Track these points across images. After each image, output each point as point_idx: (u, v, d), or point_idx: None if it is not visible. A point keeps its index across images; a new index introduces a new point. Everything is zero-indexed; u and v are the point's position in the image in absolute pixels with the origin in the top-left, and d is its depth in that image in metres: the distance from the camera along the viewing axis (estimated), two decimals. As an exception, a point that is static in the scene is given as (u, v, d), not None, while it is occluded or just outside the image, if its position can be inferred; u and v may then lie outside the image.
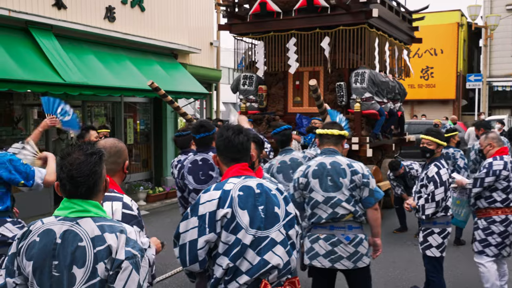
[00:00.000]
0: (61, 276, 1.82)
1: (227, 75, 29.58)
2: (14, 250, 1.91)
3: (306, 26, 8.64)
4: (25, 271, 1.87)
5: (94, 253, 1.81)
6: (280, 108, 9.39)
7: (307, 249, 3.64)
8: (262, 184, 2.48)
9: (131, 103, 11.96)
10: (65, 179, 1.89)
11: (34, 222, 1.94)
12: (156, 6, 11.42)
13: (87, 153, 1.91)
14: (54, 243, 1.84)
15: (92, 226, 1.86)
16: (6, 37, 8.09)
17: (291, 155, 4.94)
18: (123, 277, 1.80)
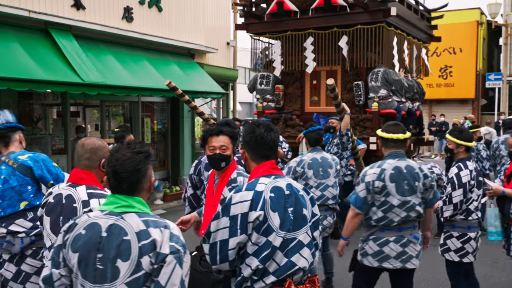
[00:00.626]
0: (105, 269, 1.87)
1: (244, 75, 29.61)
2: (60, 242, 1.97)
3: (324, 25, 8.60)
4: (70, 262, 1.93)
5: (139, 247, 1.86)
6: (297, 107, 9.36)
7: (374, 252, 3.69)
8: (291, 185, 2.47)
9: (148, 102, 12.03)
10: (110, 173, 1.98)
11: (80, 216, 2.01)
12: (174, 6, 11.47)
13: (134, 151, 1.99)
14: (99, 236, 1.90)
15: (137, 221, 1.92)
16: (26, 38, 8.19)
17: (322, 153, 5.16)
18: (167, 271, 1.85)
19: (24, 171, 3.44)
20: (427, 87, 18.57)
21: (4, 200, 3.42)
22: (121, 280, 1.85)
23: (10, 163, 3.46)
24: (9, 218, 3.43)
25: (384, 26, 8.24)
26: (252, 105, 33.14)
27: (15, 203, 3.43)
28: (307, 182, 5.04)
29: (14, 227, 3.41)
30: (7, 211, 3.43)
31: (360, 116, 8.60)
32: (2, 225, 3.41)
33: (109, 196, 2.01)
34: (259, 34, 9.60)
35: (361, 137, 8.16)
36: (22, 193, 3.45)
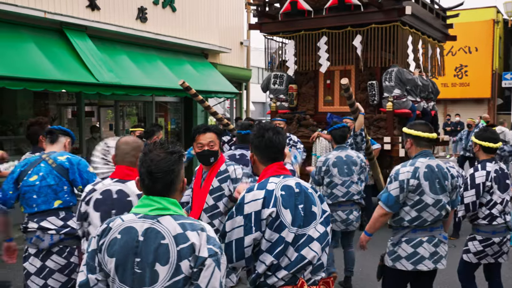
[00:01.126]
0: (143, 273, 1.86)
1: (257, 75, 29.61)
2: (95, 247, 1.94)
3: (338, 25, 8.55)
4: (106, 267, 1.91)
5: (177, 251, 1.85)
6: (310, 107, 9.32)
7: (409, 254, 3.61)
8: (300, 184, 2.56)
9: (162, 102, 12.09)
10: (144, 174, 1.94)
11: (113, 220, 1.97)
12: (187, 6, 11.51)
13: (167, 151, 1.96)
14: (136, 241, 1.88)
15: (173, 224, 1.90)
16: (41, 38, 8.28)
17: (347, 152, 5.22)
18: (207, 274, 1.84)
19: (62, 172, 3.55)
20: (442, 86, 18.40)
21: (40, 196, 3.51)
22: (161, 284, 1.84)
23: (49, 162, 3.57)
24: (42, 214, 3.52)
25: (398, 25, 8.17)
26: (265, 104, 33.13)
27: (50, 201, 3.53)
28: (331, 179, 5.11)
29: (46, 223, 3.50)
30: (41, 207, 3.52)
31: (374, 116, 8.55)
32: (34, 220, 3.51)
33: (143, 198, 1.98)
34: (272, 33, 9.59)
35: (375, 137, 8.11)
36: (58, 192, 3.55)
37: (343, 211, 5.15)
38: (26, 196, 3.54)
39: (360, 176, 5.24)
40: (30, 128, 4.54)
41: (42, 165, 3.58)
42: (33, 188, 3.51)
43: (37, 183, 3.51)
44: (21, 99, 9.87)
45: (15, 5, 7.75)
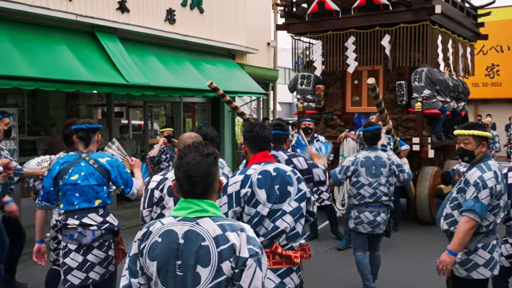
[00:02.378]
0: (185, 276, 1.88)
1: (283, 75, 29.58)
2: (136, 251, 1.96)
3: (366, 24, 8.49)
4: (148, 271, 1.93)
5: (218, 252, 1.86)
6: (338, 107, 9.28)
7: (487, 260, 3.50)
8: (278, 168, 3.13)
9: (190, 103, 12.22)
10: (182, 178, 1.95)
11: (153, 223, 1.99)
12: (215, 7, 11.59)
13: (203, 154, 1.97)
14: (176, 243, 1.90)
15: (212, 226, 1.91)
16: (73, 41, 8.47)
17: (377, 153, 5.15)
18: (248, 274, 1.85)
19: (103, 173, 3.68)
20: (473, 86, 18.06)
21: (81, 195, 3.63)
22: (203, 285, 1.86)
23: (90, 162, 3.69)
24: (82, 212, 3.64)
25: (428, 24, 8.07)
26: (292, 105, 33.06)
27: (91, 199, 3.65)
28: (358, 179, 5.04)
29: (87, 219, 3.62)
30: (82, 205, 3.64)
31: (403, 117, 8.45)
32: (74, 217, 3.62)
33: (181, 201, 1.99)
34: (300, 34, 9.58)
35: (403, 137, 8.02)
36: (98, 192, 3.68)
37: (370, 212, 5.05)
38: (67, 194, 3.65)
39: (389, 179, 5.13)
40: (66, 129, 4.64)
41: (82, 165, 3.68)
42: (75, 187, 3.63)
43: (78, 182, 3.62)
44: (53, 100, 10.11)
45: (48, 9, 7.96)
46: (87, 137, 3.77)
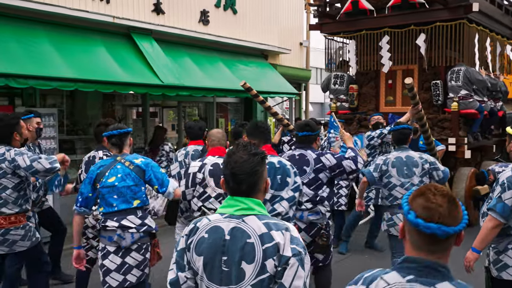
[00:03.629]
0: (230, 271, 1.92)
1: (315, 75, 29.47)
2: (183, 246, 2.02)
3: (400, 23, 8.40)
4: (195, 265, 1.98)
5: (262, 250, 1.89)
6: (371, 107, 9.21)
7: None
8: (281, 161, 3.81)
9: (222, 103, 12.32)
10: (228, 175, 2.01)
11: (200, 219, 2.05)
12: (248, 8, 11.66)
13: (250, 153, 2.01)
14: (223, 240, 1.94)
15: (258, 224, 1.94)
16: (110, 42, 8.67)
17: (407, 152, 5.03)
18: (290, 273, 1.87)
19: (139, 173, 3.71)
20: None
21: (120, 196, 3.66)
22: (247, 282, 1.89)
23: (126, 164, 3.73)
24: (121, 213, 3.65)
25: (465, 22, 7.92)
26: (324, 105, 32.90)
27: (129, 200, 3.67)
28: (390, 180, 4.93)
29: (126, 222, 3.64)
30: (120, 206, 3.65)
31: (439, 116, 8.33)
32: (114, 219, 3.64)
33: (227, 198, 2.04)
34: (333, 34, 9.55)
35: (439, 138, 7.90)
36: (136, 192, 3.70)
37: None
38: (106, 197, 3.67)
39: (423, 179, 5.03)
40: (97, 128, 4.83)
41: (118, 167, 3.71)
42: (112, 189, 3.65)
43: (116, 184, 3.65)
44: (90, 100, 10.36)
45: (87, 11, 8.17)
46: (120, 142, 3.80)
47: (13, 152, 3.95)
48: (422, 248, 1.64)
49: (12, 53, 6.90)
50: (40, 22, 7.80)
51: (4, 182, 3.95)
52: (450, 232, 1.59)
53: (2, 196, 3.95)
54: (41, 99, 8.81)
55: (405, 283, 1.63)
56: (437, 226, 1.58)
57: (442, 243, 1.62)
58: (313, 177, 4.13)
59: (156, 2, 9.41)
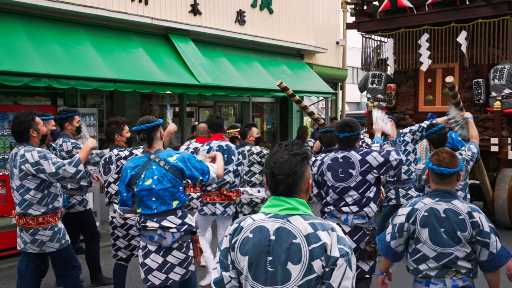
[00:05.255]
0: (275, 272, 1.90)
1: (351, 74, 29.17)
2: (227, 245, 2.02)
3: (440, 21, 8.20)
4: (239, 265, 1.97)
5: (309, 250, 1.87)
6: (410, 107, 9.03)
7: None
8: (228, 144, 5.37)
9: (258, 103, 12.34)
10: (268, 175, 1.99)
11: (243, 219, 2.03)
12: (284, 7, 11.64)
13: (291, 153, 1.97)
14: (268, 240, 1.92)
15: (303, 224, 1.92)
16: (148, 43, 8.81)
17: None
18: (339, 274, 1.85)
19: (176, 173, 3.59)
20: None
21: (158, 199, 3.59)
22: (293, 282, 1.87)
23: (161, 164, 3.59)
24: (160, 215, 3.61)
25: (509, 19, 7.66)
26: (360, 104, 32.52)
27: (168, 202, 3.61)
28: None
29: (166, 222, 3.59)
30: (160, 208, 3.60)
31: (480, 116, 8.09)
32: (154, 220, 3.60)
33: (271, 198, 2.01)
34: (370, 32, 9.40)
35: (481, 138, 7.66)
36: (175, 193, 3.62)
37: None
38: (144, 199, 3.60)
39: (466, 180, 4.88)
40: (108, 127, 4.77)
41: (154, 168, 3.60)
42: (150, 192, 3.57)
43: (153, 186, 3.55)
44: (129, 100, 10.55)
45: (126, 13, 8.33)
46: (149, 137, 3.63)
47: (36, 154, 3.91)
48: (438, 182, 3.06)
49: (54, 54, 7.10)
50: (81, 24, 8.00)
51: (26, 183, 3.95)
52: (451, 172, 3.00)
53: (26, 198, 3.96)
54: (81, 99, 9.03)
55: (434, 202, 3.00)
56: (443, 168, 2.99)
57: (449, 178, 3.03)
58: (360, 180, 3.92)
59: (193, 3, 9.51)
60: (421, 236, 2.99)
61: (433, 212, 2.97)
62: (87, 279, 5.60)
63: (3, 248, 6.44)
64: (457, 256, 2.91)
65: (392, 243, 3.15)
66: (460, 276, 2.95)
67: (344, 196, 3.95)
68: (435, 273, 2.96)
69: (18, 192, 4.00)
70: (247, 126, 6.49)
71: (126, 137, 4.85)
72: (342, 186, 3.95)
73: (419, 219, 3.00)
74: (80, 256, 5.14)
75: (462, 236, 2.90)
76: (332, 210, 4.02)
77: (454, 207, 2.95)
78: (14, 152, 4.05)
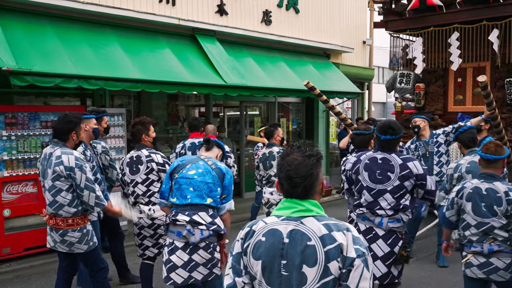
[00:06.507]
0: (290, 276, 1.85)
1: (377, 74, 28.86)
2: (239, 250, 1.97)
3: (471, 19, 8.04)
4: (252, 270, 1.92)
5: (324, 252, 1.82)
6: (439, 107, 8.89)
7: None
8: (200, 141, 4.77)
9: (284, 103, 12.30)
10: (283, 178, 1.93)
11: (255, 222, 1.99)
12: (310, 7, 11.57)
13: (305, 154, 1.93)
14: (282, 243, 1.87)
15: (317, 225, 1.87)
16: (176, 44, 8.86)
17: None
18: (356, 275, 1.80)
19: (219, 175, 3.76)
20: None
21: (195, 190, 3.69)
22: (310, 286, 1.82)
23: (209, 163, 3.81)
24: (192, 208, 3.67)
25: (543, 16, 7.47)
26: (385, 105, 32.12)
27: (204, 196, 3.69)
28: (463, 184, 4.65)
29: (197, 217, 3.65)
30: (194, 200, 3.68)
31: (513, 116, 7.91)
32: (185, 213, 3.66)
33: (284, 200, 1.96)
34: (398, 31, 9.29)
35: (513, 138, 7.49)
36: (212, 191, 3.72)
37: None
38: (182, 187, 3.70)
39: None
40: (134, 127, 4.80)
41: (201, 163, 3.79)
42: (191, 181, 3.69)
43: (195, 177, 3.69)
44: (155, 101, 10.65)
45: (154, 14, 8.39)
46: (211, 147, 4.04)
47: (73, 160, 3.97)
48: (486, 167, 3.80)
49: (84, 55, 7.19)
50: (110, 25, 8.09)
51: (58, 185, 4.00)
52: (496, 158, 3.73)
53: (57, 199, 4.02)
54: (109, 99, 9.14)
55: (479, 182, 3.75)
56: (489, 155, 3.73)
57: (494, 163, 3.76)
58: (397, 184, 3.84)
59: (220, 3, 9.53)
60: (466, 208, 3.80)
61: (477, 190, 3.76)
62: (116, 278, 5.66)
63: (35, 245, 6.57)
64: (494, 226, 3.67)
65: (447, 214, 3.94)
66: (497, 243, 3.67)
67: (379, 200, 3.88)
68: (476, 238, 3.74)
69: (50, 193, 4.05)
70: (272, 126, 6.43)
71: (152, 137, 4.88)
72: (378, 188, 3.88)
73: (465, 195, 3.80)
74: (106, 255, 5.20)
75: (498, 210, 3.66)
76: (365, 213, 3.96)
77: (494, 187, 3.71)
78: (48, 152, 4.09)
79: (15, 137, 6.52)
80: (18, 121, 6.58)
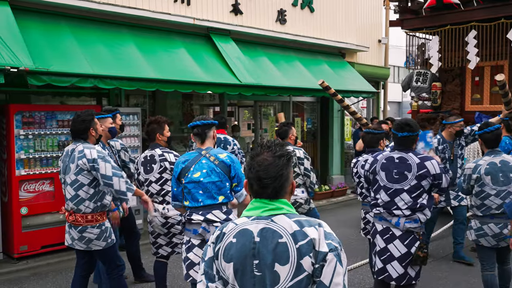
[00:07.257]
0: (263, 275, 1.80)
1: (393, 73, 28.66)
2: (211, 254, 1.91)
3: (489, 17, 7.93)
4: (225, 274, 1.86)
5: (296, 248, 1.78)
6: (456, 106, 8.78)
7: None
8: None
9: (298, 102, 12.26)
10: (253, 179, 1.88)
11: (225, 225, 1.95)
12: (325, 6, 11.52)
13: (275, 155, 1.88)
14: (253, 242, 1.83)
15: (289, 222, 1.83)
16: (190, 43, 8.88)
17: (501, 157, 4.58)
18: (329, 270, 1.76)
19: (224, 169, 3.72)
20: None
21: (205, 192, 3.70)
22: (282, 285, 1.77)
23: (211, 159, 3.75)
24: (206, 208, 3.71)
25: (562, 14, 7.34)
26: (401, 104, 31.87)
27: (215, 196, 3.71)
28: (482, 189, 4.51)
29: (211, 216, 3.68)
30: (206, 202, 3.70)
31: (532, 116, 7.77)
32: (199, 213, 3.70)
33: (253, 201, 1.91)
34: (414, 30, 9.20)
35: (532, 138, 7.36)
36: (221, 188, 3.72)
37: (496, 224, 4.47)
38: (192, 191, 3.72)
39: None
40: (149, 126, 4.82)
41: (203, 162, 3.74)
42: (198, 184, 3.69)
43: (201, 179, 3.68)
44: (170, 100, 10.70)
45: (169, 14, 8.42)
46: (203, 133, 3.82)
47: (95, 152, 3.99)
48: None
49: (100, 55, 7.24)
50: (125, 25, 8.14)
51: (81, 179, 4.02)
52: None
53: (79, 193, 4.03)
54: (125, 99, 9.19)
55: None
56: None
57: None
58: (414, 184, 3.80)
59: (235, 3, 9.53)
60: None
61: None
62: (131, 276, 5.70)
63: (52, 243, 6.64)
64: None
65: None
66: None
67: (396, 199, 3.85)
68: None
69: (72, 187, 4.06)
70: (286, 126, 6.36)
71: (167, 136, 4.91)
72: (395, 188, 3.85)
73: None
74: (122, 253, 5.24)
75: None
76: (382, 213, 3.93)
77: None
78: (71, 148, 4.14)
79: (32, 136, 6.60)
80: (35, 120, 6.65)
